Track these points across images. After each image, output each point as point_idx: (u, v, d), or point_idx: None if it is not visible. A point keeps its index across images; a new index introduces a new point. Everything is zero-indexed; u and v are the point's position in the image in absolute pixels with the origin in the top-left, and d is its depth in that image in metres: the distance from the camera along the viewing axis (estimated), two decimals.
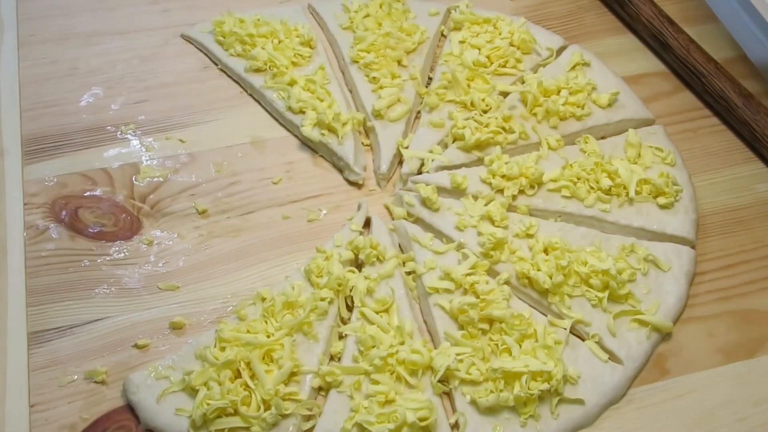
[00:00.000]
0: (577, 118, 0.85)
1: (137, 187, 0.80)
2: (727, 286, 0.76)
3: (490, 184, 0.78)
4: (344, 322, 0.71)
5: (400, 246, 0.77)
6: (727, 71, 0.90)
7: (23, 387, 0.66)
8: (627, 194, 0.78)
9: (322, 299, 0.69)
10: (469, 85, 0.87)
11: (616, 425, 0.67)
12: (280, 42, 0.90)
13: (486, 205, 0.77)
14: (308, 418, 0.65)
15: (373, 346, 0.66)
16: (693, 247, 0.77)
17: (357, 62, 0.89)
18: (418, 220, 0.78)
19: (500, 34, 0.92)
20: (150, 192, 0.79)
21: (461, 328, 0.69)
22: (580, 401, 0.66)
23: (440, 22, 0.95)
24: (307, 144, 0.84)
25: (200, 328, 0.70)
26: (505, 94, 0.87)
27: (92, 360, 0.68)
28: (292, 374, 0.66)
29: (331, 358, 0.69)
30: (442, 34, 0.95)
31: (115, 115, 0.85)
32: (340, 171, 0.83)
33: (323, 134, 0.82)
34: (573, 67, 0.90)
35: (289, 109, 0.84)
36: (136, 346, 0.69)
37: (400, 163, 0.83)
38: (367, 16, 0.93)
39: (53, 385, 0.66)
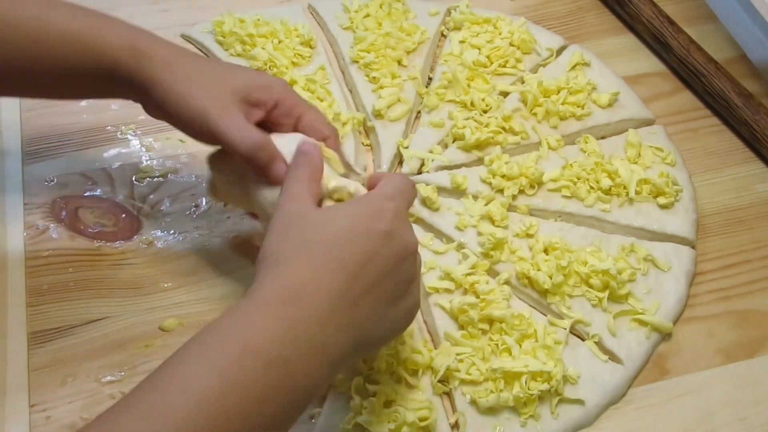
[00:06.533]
0: (577, 118, 0.85)
1: (137, 187, 0.80)
2: (727, 286, 0.76)
3: (490, 184, 0.78)
4: None
5: None
6: (727, 71, 0.90)
7: (23, 387, 0.66)
8: (627, 194, 0.78)
9: None
10: (469, 85, 0.87)
11: (616, 425, 0.67)
12: (280, 42, 0.90)
13: (486, 205, 0.77)
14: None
15: None
16: (693, 247, 0.77)
17: (357, 62, 0.89)
18: (418, 220, 0.78)
19: (500, 34, 0.92)
20: (150, 192, 0.79)
21: (461, 328, 0.69)
22: (580, 401, 0.66)
23: (440, 22, 0.95)
24: None
25: (199, 328, 0.70)
26: (505, 94, 0.87)
27: (92, 360, 0.68)
28: None
29: None
30: (442, 34, 0.95)
31: (115, 115, 0.85)
32: None
33: None
34: (573, 67, 0.90)
35: None
36: (136, 345, 0.69)
37: (400, 163, 0.83)
38: (367, 16, 0.92)
39: (53, 385, 0.66)
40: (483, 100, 0.85)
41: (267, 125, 0.64)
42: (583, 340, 0.71)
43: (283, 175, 0.59)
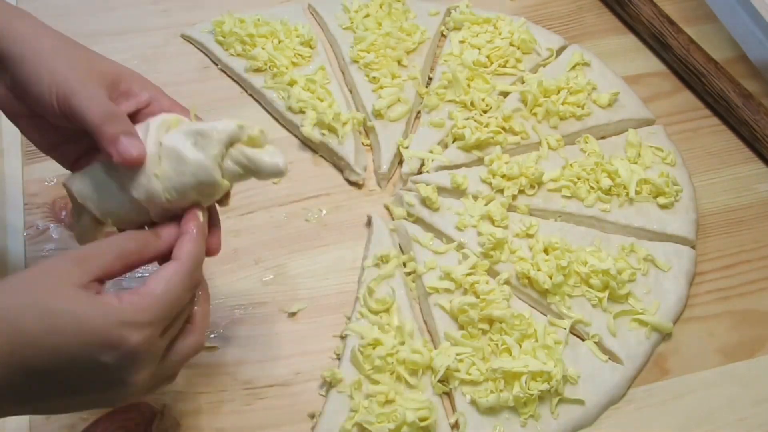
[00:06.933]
0: (577, 118, 0.85)
1: None
2: (727, 286, 0.76)
3: (490, 184, 0.78)
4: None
5: (400, 246, 0.77)
6: (727, 71, 0.90)
7: None
8: (627, 194, 0.78)
9: None
10: (469, 85, 0.87)
11: (616, 425, 0.67)
12: (280, 42, 0.89)
13: (486, 205, 0.77)
14: None
15: (374, 347, 0.66)
16: (693, 247, 0.77)
17: (357, 62, 0.89)
18: (418, 220, 0.78)
19: (500, 34, 0.92)
20: None
21: (461, 328, 0.69)
22: (580, 401, 0.66)
23: (440, 22, 0.95)
24: (307, 144, 0.84)
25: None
26: (505, 94, 0.86)
27: None
28: None
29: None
30: (442, 34, 0.95)
31: None
32: (340, 171, 0.83)
33: (323, 134, 0.82)
34: (573, 67, 0.90)
35: (289, 109, 0.84)
36: None
37: (400, 163, 0.83)
38: (367, 16, 0.92)
39: None
40: (483, 100, 0.85)
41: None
42: (583, 340, 0.71)
43: (134, 153, 0.51)
